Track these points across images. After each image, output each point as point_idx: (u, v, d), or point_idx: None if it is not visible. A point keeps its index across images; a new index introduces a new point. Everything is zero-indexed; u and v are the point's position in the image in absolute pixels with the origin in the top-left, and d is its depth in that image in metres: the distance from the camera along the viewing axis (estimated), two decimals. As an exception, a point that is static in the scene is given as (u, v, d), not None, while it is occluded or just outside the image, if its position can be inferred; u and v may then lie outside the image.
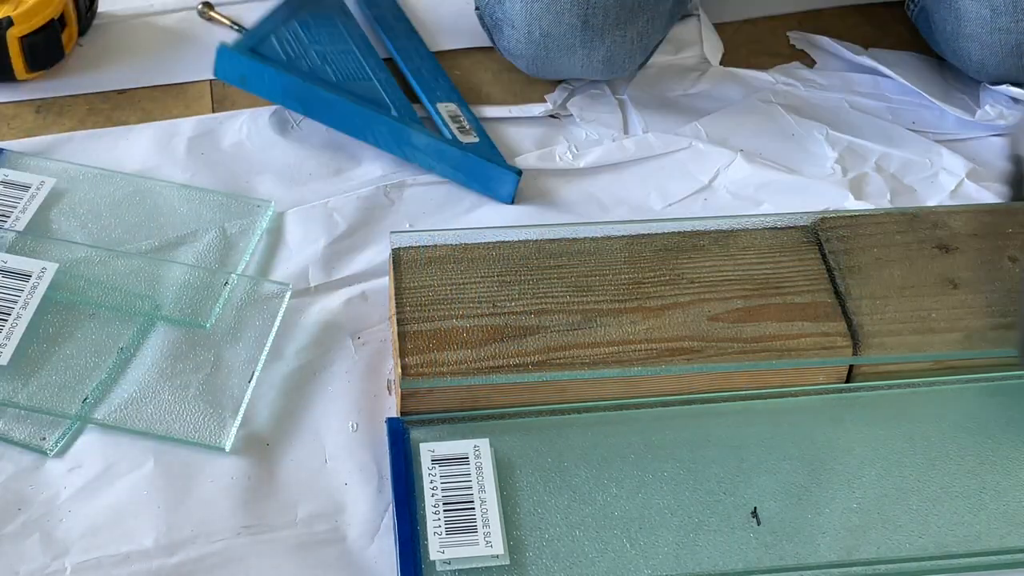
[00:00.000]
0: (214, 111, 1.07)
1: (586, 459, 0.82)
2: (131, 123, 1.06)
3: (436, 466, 0.80)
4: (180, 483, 0.81)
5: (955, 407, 0.86)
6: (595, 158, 1.04)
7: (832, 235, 0.91)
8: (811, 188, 1.02)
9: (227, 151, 1.03)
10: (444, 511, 0.78)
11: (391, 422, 0.83)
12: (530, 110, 1.08)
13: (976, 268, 0.89)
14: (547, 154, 1.04)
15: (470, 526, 0.77)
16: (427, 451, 0.81)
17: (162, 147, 1.03)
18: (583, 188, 1.02)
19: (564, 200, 1.01)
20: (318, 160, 1.03)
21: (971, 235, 0.92)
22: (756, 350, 0.84)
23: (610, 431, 0.83)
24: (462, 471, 0.80)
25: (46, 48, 1.06)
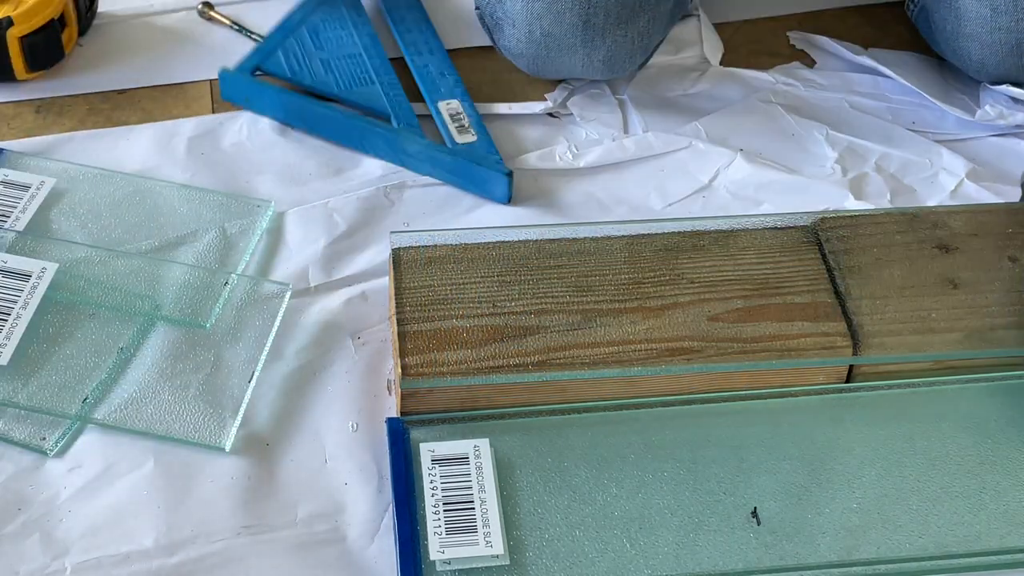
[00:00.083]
0: (214, 111, 1.07)
1: (586, 459, 0.82)
2: (131, 123, 1.06)
3: (436, 466, 0.80)
4: (180, 483, 0.81)
5: (955, 407, 0.86)
6: (595, 158, 1.04)
7: (832, 235, 0.91)
8: (811, 188, 1.02)
9: (227, 151, 1.03)
10: (444, 511, 0.78)
11: (391, 422, 0.83)
12: (531, 108, 1.08)
13: (976, 268, 0.89)
14: (547, 154, 1.04)
15: (470, 526, 0.77)
16: (427, 451, 0.81)
17: (162, 147, 1.03)
18: (583, 188, 1.02)
19: (564, 200, 1.01)
20: (318, 160, 1.03)
21: (971, 235, 0.92)
22: (756, 350, 0.84)
23: (610, 431, 0.83)
24: (462, 471, 0.80)
25: (46, 48, 1.06)
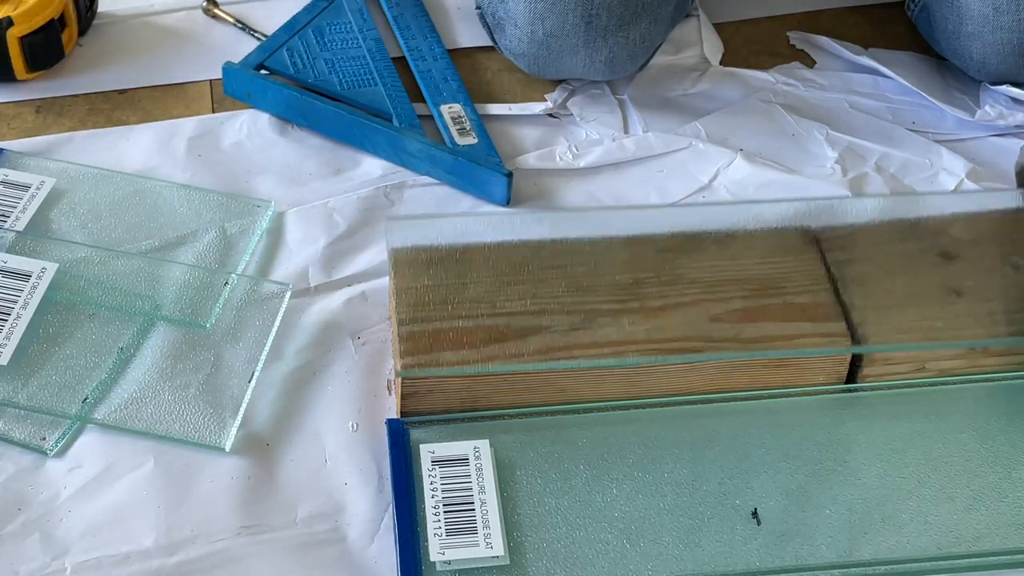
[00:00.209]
0: (214, 111, 1.07)
1: (586, 460, 0.82)
2: (131, 123, 1.06)
3: (436, 467, 0.80)
4: (180, 483, 0.81)
5: (955, 407, 0.86)
6: (595, 158, 1.04)
7: (833, 244, 0.90)
8: (811, 188, 1.02)
9: (227, 151, 1.03)
10: (444, 512, 0.78)
11: (391, 423, 0.83)
12: (530, 108, 1.08)
13: (979, 276, 0.89)
14: (547, 154, 1.04)
15: (470, 527, 0.77)
16: (427, 452, 0.81)
17: (162, 147, 1.03)
18: (583, 188, 1.02)
19: (564, 200, 1.01)
20: (318, 160, 1.03)
21: (972, 242, 0.91)
22: (757, 351, 0.84)
23: (610, 432, 0.83)
24: (462, 472, 0.80)
25: (46, 48, 1.06)
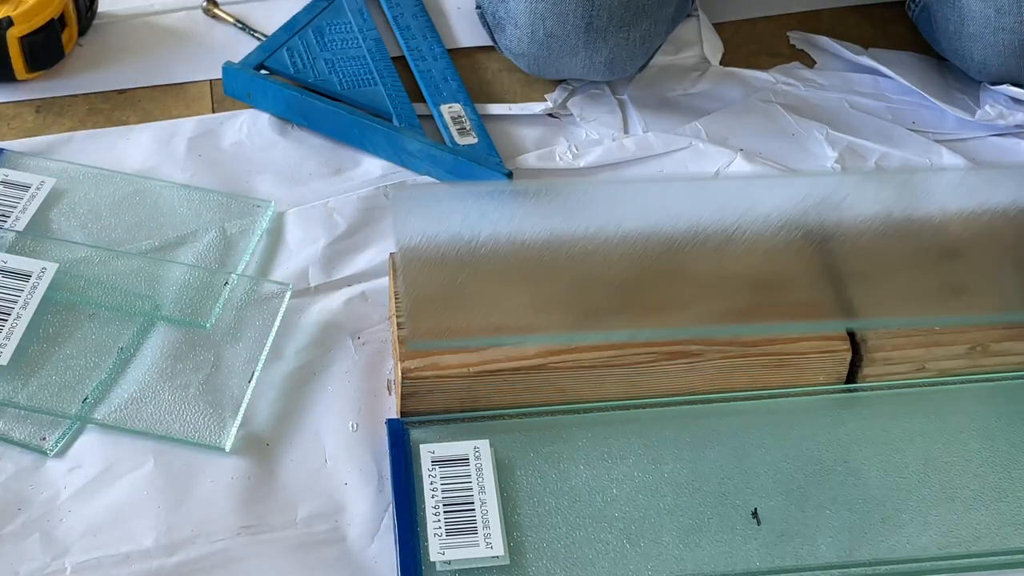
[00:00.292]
0: (214, 111, 1.07)
1: (586, 460, 0.82)
2: (131, 123, 1.06)
3: (436, 467, 0.80)
4: (180, 483, 0.81)
5: (955, 407, 0.86)
6: (595, 158, 1.04)
7: (834, 243, 0.90)
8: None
9: (227, 151, 1.03)
10: (444, 512, 0.78)
11: (391, 423, 0.83)
12: (530, 108, 1.08)
13: (980, 276, 0.89)
14: (547, 154, 1.04)
15: (470, 527, 0.77)
16: (427, 452, 0.81)
17: (162, 147, 1.03)
18: (583, 188, 1.02)
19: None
20: (318, 160, 1.03)
21: (974, 241, 0.91)
22: (756, 354, 0.84)
23: (610, 432, 0.83)
24: (462, 472, 0.80)
25: (46, 48, 1.06)
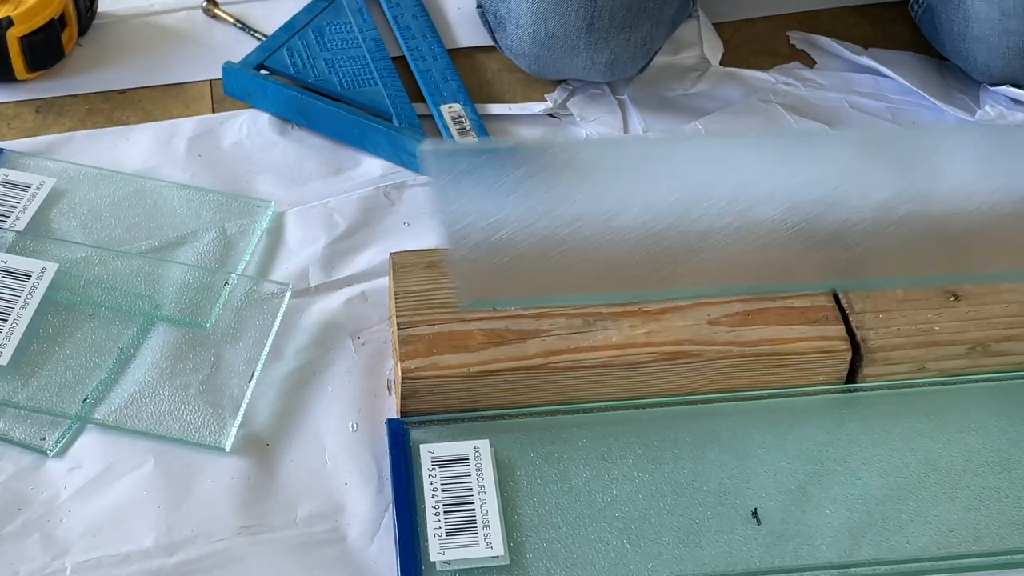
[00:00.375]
0: (214, 111, 1.07)
1: (586, 460, 0.82)
2: (131, 123, 1.06)
3: (436, 467, 0.80)
4: (180, 483, 0.81)
5: (955, 407, 0.86)
6: (595, 158, 1.04)
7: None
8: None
9: (227, 151, 1.03)
10: (444, 512, 0.78)
11: (391, 423, 0.83)
12: (530, 108, 1.08)
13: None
14: (547, 154, 1.04)
15: (470, 527, 0.77)
16: (427, 452, 0.81)
17: (162, 147, 1.03)
18: (583, 188, 1.02)
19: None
20: (318, 160, 1.03)
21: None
22: (755, 354, 0.84)
23: (610, 432, 0.83)
24: (462, 472, 0.80)
25: (46, 48, 1.06)
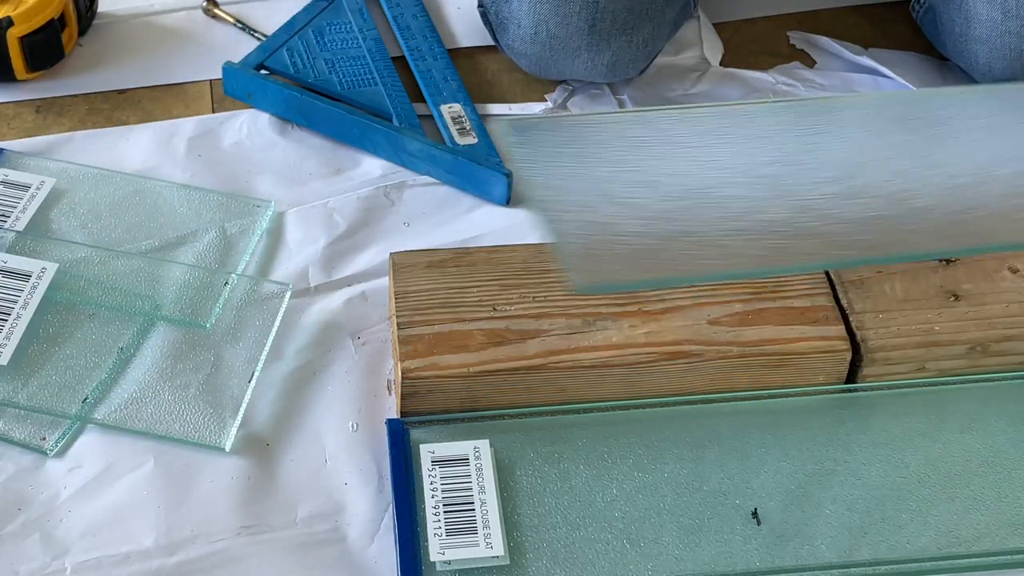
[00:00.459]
0: (214, 111, 1.07)
1: (586, 460, 0.82)
2: (131, 123, 1.06)
3: (436, 467, 0.80)
4: (180, 483, 0.81)
5: (955, 407, 0.86)
6: (595, 158, 1.04)
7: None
8: (811, 188, 1.02)
9: (227, 151, 1.03)
10: (444, 512, 0.78)
11: (391, 423, 0.83)
12: (530, 108, 1.08)
13: (977, 279, 0.89)
14: (547, 154, 1.04)
15: (470, 527, 0.77)
16: (427, 452, 0.81)
17: (162, 147, 1.03)
18: (583, 188, 1.02)
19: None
20: (318, 160, 1.03)
21: None
22: (755, 354, 0.84)
23: (610, 432, 0.83)
24: (462, 472, 0.80)
25: (46, 48, 1.06)
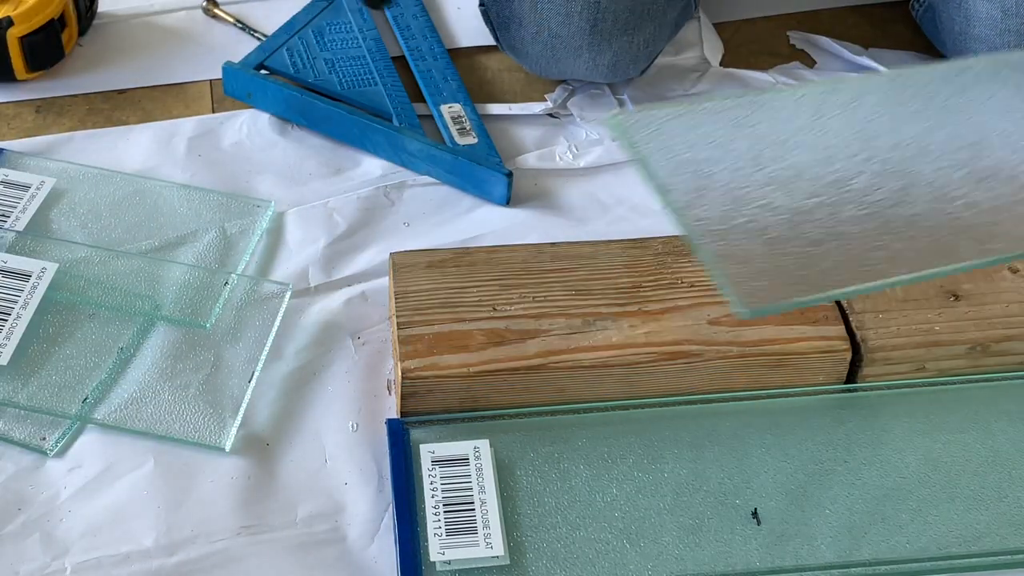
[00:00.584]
0: (214, 111, 1.07)
1: (586, 460, 0.82)
2: (131, 123, 1.06)
3: (436, 467, 0.80)
4: (180, 483, 0.81)
5: (955, 407, 0.86)
6: (595, 158, 1.04)
7: None
8: (811, 188, 1.02)
9: (227, 151, 1.03)
10: (444, 512, 0.78)
11: (391, 423, 0.83)
12: (530, 108, 1.08)
13: (977, 279, 0.89)
14: (547, 154, 1.04)
15: (470, 527, 0.77)
16: (427, 452, 0.81)
17: (162, 147, 1.03)
18: (583, 188, 1.02)
19: (564, 200, 1.01)
20: (318, 160, 1.03)
21: None
22: (755, 354, 0.84)
23: (610, 432, 0.83)
24: (462, 472, 0.80)
25: (46, 48, 1.06)
